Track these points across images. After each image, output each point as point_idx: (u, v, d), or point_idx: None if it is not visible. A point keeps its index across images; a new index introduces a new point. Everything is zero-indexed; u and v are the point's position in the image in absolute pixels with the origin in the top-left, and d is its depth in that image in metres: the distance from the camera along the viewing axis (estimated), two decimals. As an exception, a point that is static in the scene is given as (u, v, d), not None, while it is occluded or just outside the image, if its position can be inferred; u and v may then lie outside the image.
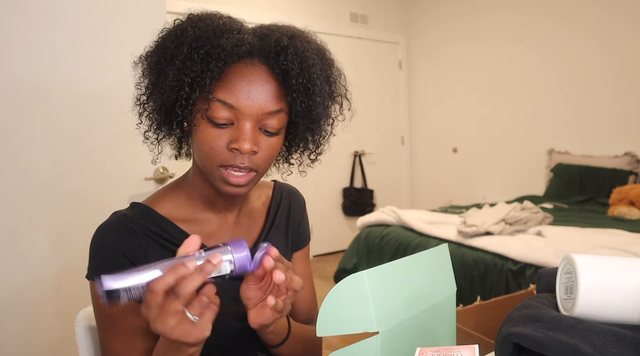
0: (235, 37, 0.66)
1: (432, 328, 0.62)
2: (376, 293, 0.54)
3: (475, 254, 2.42)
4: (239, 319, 0.74)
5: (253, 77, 0.66)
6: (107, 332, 0.70)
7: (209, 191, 0.76)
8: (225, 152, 0.67)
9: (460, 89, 4.52)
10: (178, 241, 0.72)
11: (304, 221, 0.93)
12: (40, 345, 1.52)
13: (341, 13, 4.46)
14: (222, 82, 0.66)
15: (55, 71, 1.52)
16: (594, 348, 0.52)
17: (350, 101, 0.80)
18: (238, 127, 0.67)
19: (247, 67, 0.67)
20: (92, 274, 0.71)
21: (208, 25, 0.66)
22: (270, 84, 0.68)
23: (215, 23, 0.67)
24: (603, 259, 0.60)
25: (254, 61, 0.67)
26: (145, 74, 0.71)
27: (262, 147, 0.69)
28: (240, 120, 0.67)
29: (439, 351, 0.52)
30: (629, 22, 3.31)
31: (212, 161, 0.68)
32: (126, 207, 0.76)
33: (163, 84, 0.67)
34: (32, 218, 1.50)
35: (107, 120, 1.62)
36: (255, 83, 0.66)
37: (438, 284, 0.65)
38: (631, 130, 3.36)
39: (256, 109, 0.66)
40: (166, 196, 0.78)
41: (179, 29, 0.68)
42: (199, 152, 0.69)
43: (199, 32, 0.65)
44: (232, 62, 0.66)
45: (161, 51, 0.69)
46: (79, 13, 1.55)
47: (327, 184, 4.44)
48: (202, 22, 0.67)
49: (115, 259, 0.69)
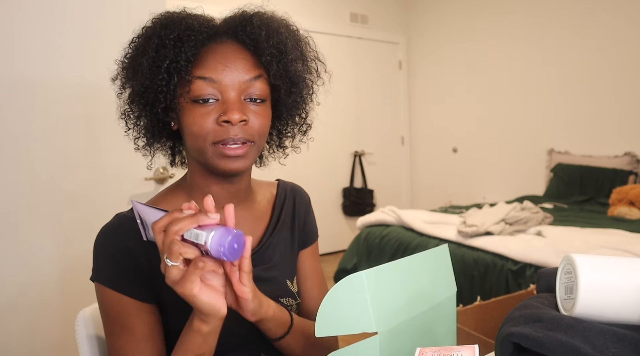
0: (202, 19, 0.71)
1: (432, 329, 0.62)
2: (375, 293, 0.54)
3: (475, 254, 2.42)
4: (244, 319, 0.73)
5: (226, 51, 0.70)
6: (114, 334, 0.70)
7: (210, 188, 0.76)
8: (216, 127, 0.68)
9: (460, 89, 4.52)
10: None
11: (309, 218, 0.93)
12: (42, 345, 1.52)
13: (341, 13, 4.46)
14: (198, 62, 0.69)
15: (56, 70, 1.52)
16: (594, 348, 0.52)
17: (324, 64, 0.81)
18: (223, 101, 0.69)
19: (219, 45, 0.71)
20: (97, 277, 0.71)
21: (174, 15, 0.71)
22: (244, 54, 0.71)
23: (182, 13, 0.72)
24: (603, 259, 0.60)
25: (223, 39, 0.72)
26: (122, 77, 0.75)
27: (251, 116, 0.70)
28: (223, 93, 0.69)
29: (438, 352, 0.52)
30: (629, 22, 3.31)
31: (204, 139, 0.69)
32: (127, 207, 0.77)
33: (141, 77, 0.69)
34: (32, 218, 1.50)
35: (107, 120, 1.62)
36: (230, 55, 0.70)
37: (438, 284, 0.65)
38: (631, 130, 3.36)
39: (236, 78, 0.69)
40: (167, 197, 0.78)
41: (146, 27, 0.73)
42: (190, 137, 0.70)
43: (166, 22, 0.70)
44: (204, 42, 0.70)
45: (133, 50, 0.73)
46: (79, 13, 1.55)
47: (327, 184, 4.44)
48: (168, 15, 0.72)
49: (119, 261, 0.70)
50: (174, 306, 0.71)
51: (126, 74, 0.74)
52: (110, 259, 0.70)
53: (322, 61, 0.81)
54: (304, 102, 0.80)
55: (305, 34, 0.79)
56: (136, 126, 0.76)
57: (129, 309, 0.69)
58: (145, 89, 0.70)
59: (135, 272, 0.70)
